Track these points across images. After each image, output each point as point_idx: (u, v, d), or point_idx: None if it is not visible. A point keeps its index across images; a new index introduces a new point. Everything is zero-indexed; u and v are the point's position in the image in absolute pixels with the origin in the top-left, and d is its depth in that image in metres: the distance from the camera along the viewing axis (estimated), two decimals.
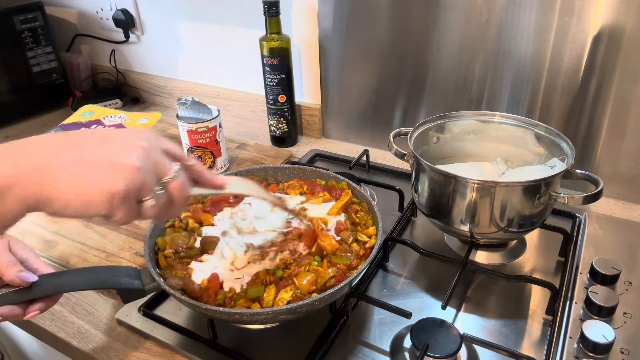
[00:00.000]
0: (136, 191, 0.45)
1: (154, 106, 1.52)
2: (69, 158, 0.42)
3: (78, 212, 0.43)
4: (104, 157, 0.43)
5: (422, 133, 0.85)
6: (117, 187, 0.43)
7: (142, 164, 0.44)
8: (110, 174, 0.43)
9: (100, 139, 0.45)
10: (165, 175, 0.48)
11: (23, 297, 0.56)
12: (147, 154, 0.46)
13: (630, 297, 0.70)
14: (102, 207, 0.43)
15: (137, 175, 0.44)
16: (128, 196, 0.44)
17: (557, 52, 0.89)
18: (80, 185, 0.42)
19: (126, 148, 0.45)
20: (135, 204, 0.46)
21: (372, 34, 1.05)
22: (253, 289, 0.63)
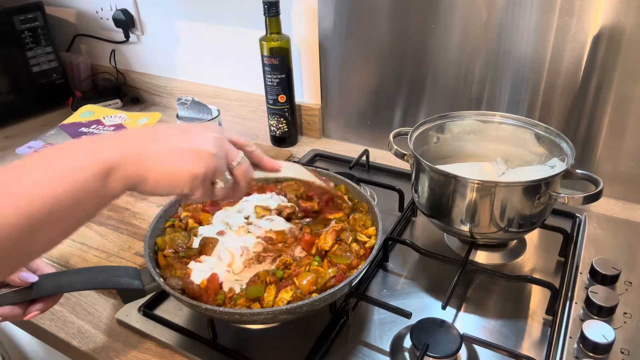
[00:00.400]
0: (212, 173, 0.53)
1: (154, 106, 1.52)
2: (161, 146, 0.51)
3: (167, 189, 0.51)
4: (187, 146, 0.52)
5: (422, 133, 0.85)
6: (198, 170, 0.51)
7: (216, 150, 0.53)
8: (192, 160, 0.51)
9: (182, 131, 0.54)
10: (233, 160, 0.56)
11: (23, 297, 0.56)
12: (219, 142, 0.54)
13: (630, 297, 0.70)
14: (186, 186, 0.52)
15: (213, 160, 0.53)
16: (206, 178, 0.52)
17: (557, 52, 0.89)
18: (169, 168, 0.51)
19: (203, 138, 0.53)
20: (210, 185, 0.54)
21: (372, 34, 1.05)
22: (253, 288, 0.63)
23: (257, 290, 0.63)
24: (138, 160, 0.50)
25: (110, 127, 1.12)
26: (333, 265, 0.66)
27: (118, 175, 0.48)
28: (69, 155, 0.47)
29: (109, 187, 0.48)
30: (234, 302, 0.62)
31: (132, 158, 0.49)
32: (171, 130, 0.55)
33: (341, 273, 0.65)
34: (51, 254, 0.85)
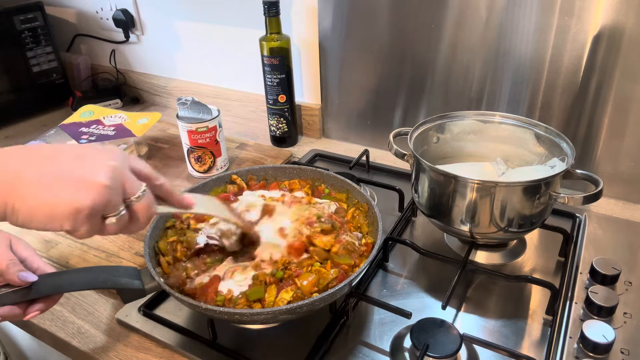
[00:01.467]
0: (102, 209, 0.46)
1: (154, 106, 1.52)
2: (40, 172, 0.44)
3: (41, 225, 0.44)
4: (74, 174, 0.45)
5: (422, 133, 0.85)
6: (83, 203, 0.44)
7: (110, 182, 0.46)
8: (78, 190, 0.44)
9: (74, 156, 0.47)
10: (132, 194, 0.49)
11: (23, 297, 0.56)
12: (116, 173, 0.47)
13: (630, 297, 0.70)
14: (66, 222, 0.44)
15: (105, 193, 0.45)
16: (93, 213, 0.45)
17: (557, 52, 0.89)
18: (47, 198, 0.43)
19: (97, 165, 0.46)
20: (99, 221, 0.47)
21: (372, 34, 1.05)
22: (254, 290, 0.63)
23: (257, 292, 0.63)
24: (9, 186, 0.42)
25: (110, 127, 1.12)
26: (336, 265, 0.66)
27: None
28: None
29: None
30: (234, 303, 0.62)
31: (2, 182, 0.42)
32: (60, 152, 0.47)
33: (343, 273, 0.65)
34: (51, 254, 0.85)
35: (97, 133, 1.10)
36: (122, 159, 0.50)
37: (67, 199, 0.44)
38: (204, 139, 1.02)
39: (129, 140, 1.09)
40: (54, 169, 0.45)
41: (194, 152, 1.04)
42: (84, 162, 0.46)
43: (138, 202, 0.50)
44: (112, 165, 0.47)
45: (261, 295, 0.62)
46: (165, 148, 1.21)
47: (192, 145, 1.03)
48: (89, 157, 0.47)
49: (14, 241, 0.60)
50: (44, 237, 0.89)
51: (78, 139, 1.08)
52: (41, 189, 0.43)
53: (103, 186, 0.45)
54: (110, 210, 0.47)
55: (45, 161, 0.45)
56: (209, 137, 1.02)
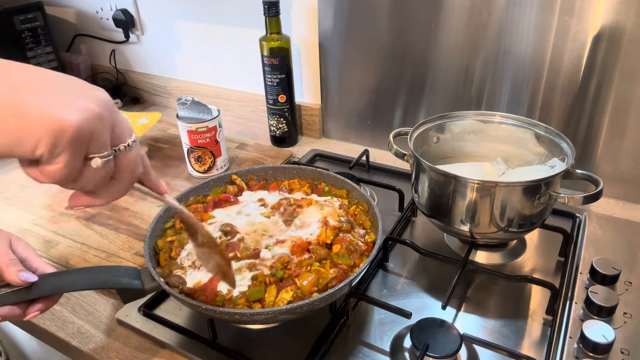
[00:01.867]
0: (88, 138, 0.37)
1: (154, 106, 1.52)
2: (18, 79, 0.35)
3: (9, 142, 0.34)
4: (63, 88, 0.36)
5: (422, 133, 0.85)
6: (68, 122, 0.35)
7: (102, 111, 0.38)
8: (65, 105, 0.35)
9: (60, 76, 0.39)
10: (122, 140, 0.41)
11: (23, 297, 0.56)
12: (109, 106, 0.39)
13: (630, 297, 0.70)
14: (42, 143, 0.34)
15: (94, 121, 0.37)
16: (78, 139, 0.36)
17: (557, 52, 0.89)
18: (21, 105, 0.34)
19: (89, 90, 0.39)
20: (80, 157, 0.37)
21: (372, 34, 1.05)
22: (254, 290, 0.63)
23: (257, 292, 0.63)
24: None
25: None
26: (335, 265, 0.66)
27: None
28: None
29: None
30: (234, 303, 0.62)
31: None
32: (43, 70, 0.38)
33: (342, 273, 0.65)
34: (51, 254, 0.85)
35: None
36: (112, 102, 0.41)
37: (50, 111, 0.34)
38: (204, 139, 1.02)
39: None
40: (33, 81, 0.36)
41: (194, 152, 1.04)
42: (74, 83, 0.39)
43: (127, 151, 0.41)
44: (106, 97, 0.40)
45: (261, 295, 0.62)
46: (165, 148, 1.21)
47: (192, 145, 1.03)
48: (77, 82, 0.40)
49: (14, 241, 0.60)
50: (44, 237, 0.89)
51: None
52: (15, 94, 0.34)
53: (94, 112, 0.37)
54: (96, 146, 0.38)
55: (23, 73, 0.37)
56: (209, 137, 1.02)
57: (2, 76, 0.35)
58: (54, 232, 0.91)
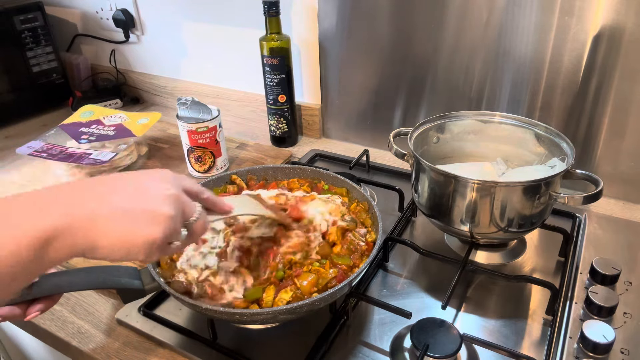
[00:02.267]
0: (170, 237, 0.49)
1: (154, 106, 1.52)
2: (115, 209, 0.46)
3: (121, 257, 0.47)
4: (143, 207, 0.47)
5: (422, 133, 0.85)
6: (155, 235, 0.47)
7: (174, 212, 0.49)
8: (149, 224, 0.47)
9: (134, 188, 0.49)
10: (190, 216, 0.52)
11: (23, 298, 0.56)
12: (177, 200, 0.50)
13: (630, 297, 0.70)
14: (141, 253, 0.47)
15: (171, 222, 0.48)
16: (164, 242, 0.49)
17: (557, 52, 0.89)
18: (124, 234, 0.46)
19: (159, 196, 0.49)
20: (166, 247, 0.50)
21: (372, 34, 1.05)
22: (252, 291, 0.63)
23: (255, 292, 0.63)
24: (89, 227, 0.44)
25: (110, 127, 1.12)
26: (334, 265, 0.66)
27: (63, 243, 0.43)
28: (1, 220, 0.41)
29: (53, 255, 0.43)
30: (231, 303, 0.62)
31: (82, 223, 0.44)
32: (123, 183, 0.49)
33: (342, 273, 0.65)
34: None
35: (97, 133, 1.10)
36: (177, 184, 0.52)
37: (142, 234, 0.47)
38: (204, 139, 1.02)
39: (129, 140, 1.09)
40: (125, 206, 0.47)
41: (194, 152, 1.04)
42: (148, 194, 0.49)
43: (197, 222, 0.53)
44: (172, 193, 0.50)
45: (259, 295, 0.62)
46: (165, 148, 1.21)
47: (192, 145, 1.03)
48: (150, 187, 0.49)
49: None
50: None
51: (78, 139, 1.08)
52: (118, 226, 0.46)
53: (169, 217, 0.48)
54: (175, 237, 0.50)
55: (115, 198, 0.47)
56: (209, 137, 1.02)
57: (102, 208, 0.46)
58: None
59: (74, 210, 0.44)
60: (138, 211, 0.47)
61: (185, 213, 0.52)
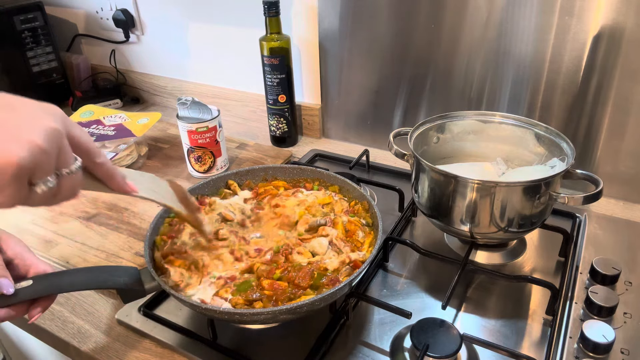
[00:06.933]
0: (31, 171, 0.40)
1: (154, 106, 1.52)
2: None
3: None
4: (6, 125, 0.39)
5: (422, 133, 0.85)
6: (13, 159, 0.38)
7: (47, 145, 0.40)
8: (9, 144, 0.38)
9: (4, 105, 0.41)
10: (65, 166, 0.44)
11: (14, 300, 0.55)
12: (55, 135, 0.42)
13: (630, 297, 0.70)
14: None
15: (39, 155, 0.40)
16: (21, 174, 0.39)
17: (557, 52, 0.89)
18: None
19: (34, 122, 0.41)
20: (25, 186, 0.41)
21: (372, 34, 1.05)
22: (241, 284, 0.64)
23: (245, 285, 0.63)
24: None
25: (110, 127, 1.12)
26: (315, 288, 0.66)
27: None
28: None
29: None
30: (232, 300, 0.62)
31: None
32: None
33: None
34: (51, 254, 0.85)
35: (97, 133, 1.10)
36: (62, 123, 0.43)
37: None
38: (204, 139, 1.02)
39: (129, 140, 1.09)
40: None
41: (194, 152, 1.04)
42: (18, 115, 0.40)
43: (69, 177, 0.44)
44: (53, 126, 0.41)
45: (249, 286, 0.64)
46: (165, 148, 1.21)
47: (192, 145, 1.03)
48: (24, 112, 0.41)
49: (3, 238, 0.59)
50: (44, 237, 0.89)
51: None
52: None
53: (37, 146, 0.39)
54: (40, 176, 0.41)
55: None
56: (209, 137, 1.02)
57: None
58: (53, 232, 0.91)
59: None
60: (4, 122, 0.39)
61: (60, 159, 0.43)
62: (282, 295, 0.62)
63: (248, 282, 0.64)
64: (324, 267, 0.66)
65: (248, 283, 0.64)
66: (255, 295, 0.62)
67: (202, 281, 0.65)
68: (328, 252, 0.69)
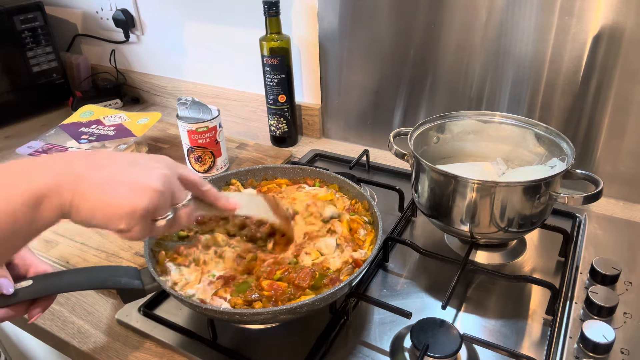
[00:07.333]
0: (154, 211, 0.50)
1: (154, 106, 1.52)
2: (101, 174, 0.48)
3: (100, 222, 0.48)
4: (131, 178, 0.49)
5: (422, 133, 0.85)
6: (139, 205, 0.48)
7: (162, 188, 0.50)
8: (134, 194, 0.48)
9: (128, 162, 0.51)
10: (179, 201, 0.54)
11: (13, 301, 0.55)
12: (167, 180, 0.51)
13: (630, 297, 0.70)
14: (122, 222, 0.48)
15: (157, 198, 0.49)
16: (146, 215, 0.49)
17: (557, 52, 0.89)
18: (107, 199, 0.47)
19: (150, 172, 0.50)
20: (150, 223, 0.51)
21: (372, 34, 1.05)
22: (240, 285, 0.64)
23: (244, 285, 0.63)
24: (74, 186, 0.46)
25: (110, 127, 1.12)
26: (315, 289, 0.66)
27: (53, 202, 0.45)
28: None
29: (43, 214, 0.45)
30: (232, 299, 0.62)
31: (68, 183, 0.46)
32: (117, 158, 0.52)
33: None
34: (51, 254, 0.85)
35: (97, 133, 1.10)
36: (172, 168, 0.54)
37: (124, 201, 0.48)
38: (204, 139, 1.02)
39: (129, 140, 1.09)
40: (112, 173, 0.49)
41: (194, 152, 1.04)
42: (140, 169, 0.50)
43: (183, 208, 0.54)
44: (165, 173, 0.51)
45: (248, 286, 0.63)
46: (165, 148, 1.21)
47: (192, 145, 1.03)
48: (144, 164, 0.51)
49: None
50: (44, 237, 0.89)
51: (78, 139, 1.08)
52: (102, 190, 0.47)
53: (156, 191, 0.49)
54: (160, 214, 0.51)
55: (104, 165, 0.49)
56: (209, 137, 1.02)
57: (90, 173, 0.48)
58: (53, 231, 0.90)
59: (64, 172, 0.47)
60: (125, 180, 0.48)
61: (175, 196, 0.53)
62: (281, 296, 0.62)
63: (247, 283, 0.64)
64: (326, 266, 0.66)
65: (247, 284, 0.64)
66: (255, 296, 0.62)
67: (202, 280, 0.65)
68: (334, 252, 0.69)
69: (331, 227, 0.72)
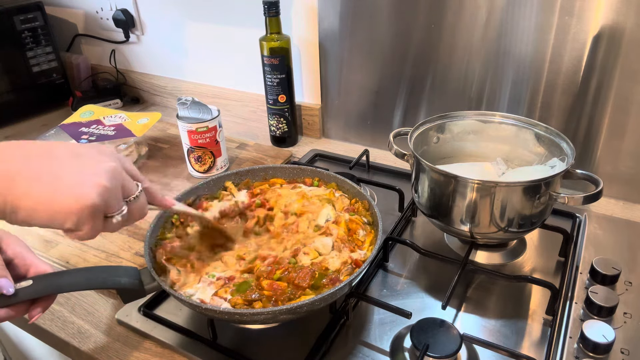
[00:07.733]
0: (104, 208, 0.47)
1: (154, 106, 1.52)
2: (39, 170, 0.43)
3: (43, 222, 0.44)
4: (76, 172, 0.45)
5: (422, 133, 0.85)
6: (86, 202, 0.44)
7: (110, 183, 0.47)
8: (80, 189, 0.44)
9: (71, 154, 0.47)
10: (130, 194, 0.51)
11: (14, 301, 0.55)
12: (115, 173, 0.48)
13: (630, 297, 0.70)
14: (68, 220, 0.44)
15: (105, 193, 0.46)
16: (96, 212, 0.46)
17: (557, 52, 0.89)
18: (49, 196, 0.43)
19: (96, 165, 0.47)
20: (101, 220, 0.48)
21: (372, 34, 1.05)
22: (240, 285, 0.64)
23: (244, 285, 0.63)
24: (9, 183, 0.42)
25: (110, 127, 1.12)
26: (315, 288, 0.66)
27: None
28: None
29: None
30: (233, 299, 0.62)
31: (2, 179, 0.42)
32: (57, 148, 0.47)
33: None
34: (51, 254, 0.85)
35: (97, 133, 1.10)
36: (117, 159, 0.51)
37: (69, 197, 0.44)
38: (204, 139, 1.02)
39: (129, 140, 1.09)
40: (53, 168, 0.45)
41: (194, 152, 1.04)
42: (83, 162, 0.47)
43: (135, 202, 0.52)
44: (112, 165, 0.48)
45: (248, 286, 0.63)
46: (165, 148, 1.21)
47: (192, 145, 1.03)
48: (89, 157, 0.48)
49: (3, 237, 0.59)
50: (44, 237, 0.89)
51: (78, 139, 1.08)
52: (41, 187, 0.43)
53: (104, 186, 0.46)
54: (112, 210, 0.49)
55: (44, 160, 0.45)
56: (209, 137, 1.02)
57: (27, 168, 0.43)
58: (53, 231, 0.90)
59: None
60: (67, 174, 0.44)
61: (125, 189, 0.50)
62: (281, 296, 0.62)
63: (247, 283, 0.64)
64: (325, 266, 0.66)
65: (247, 283, 0.64)
66: (255, 296, 0.62)
67: (201, 280, 0.65)
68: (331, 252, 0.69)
69: (327, 230, 0.72)
